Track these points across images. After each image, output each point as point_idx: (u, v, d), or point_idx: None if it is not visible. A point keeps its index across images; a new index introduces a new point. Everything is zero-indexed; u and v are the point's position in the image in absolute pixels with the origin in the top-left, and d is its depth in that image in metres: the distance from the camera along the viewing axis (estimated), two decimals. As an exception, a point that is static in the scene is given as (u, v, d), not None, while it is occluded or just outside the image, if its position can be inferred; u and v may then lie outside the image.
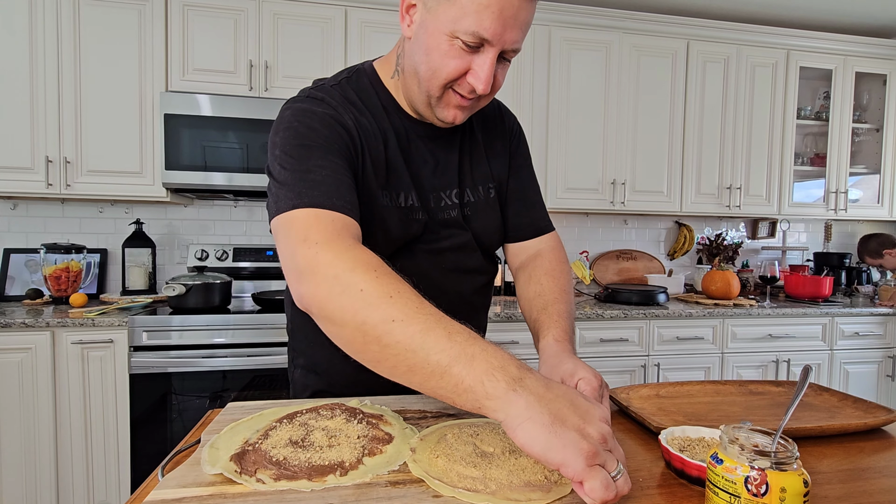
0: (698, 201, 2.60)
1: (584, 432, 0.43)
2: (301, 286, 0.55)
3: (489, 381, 0.44)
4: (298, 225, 0.58)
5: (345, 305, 0.50)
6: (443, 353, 0.46)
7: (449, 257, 0.80)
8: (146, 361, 1.79)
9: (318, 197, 0.60)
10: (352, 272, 0.51)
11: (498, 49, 0.62)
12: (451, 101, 0.68)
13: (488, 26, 0.60)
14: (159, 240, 2.38)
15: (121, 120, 2.04)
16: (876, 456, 0.65)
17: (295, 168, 0.62)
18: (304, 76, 2.17)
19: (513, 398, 0.44)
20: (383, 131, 0.73)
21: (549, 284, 0.78)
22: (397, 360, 0.48)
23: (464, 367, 0.45)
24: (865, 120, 2.90)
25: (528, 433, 0.42)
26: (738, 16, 2.72)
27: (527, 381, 0.45)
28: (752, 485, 0.43)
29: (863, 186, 2.94)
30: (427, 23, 0.63)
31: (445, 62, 0.63)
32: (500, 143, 0.86)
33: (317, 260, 0.54)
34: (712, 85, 2.59)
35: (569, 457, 0.41)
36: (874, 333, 2.47)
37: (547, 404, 0.44)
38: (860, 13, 2.71)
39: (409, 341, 0.47)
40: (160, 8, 2.04)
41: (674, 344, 2.24)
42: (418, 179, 0.76)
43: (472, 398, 0.45)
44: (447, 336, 0.47)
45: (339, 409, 0.64)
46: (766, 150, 2.67)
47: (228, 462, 0.51)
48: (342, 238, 0.56)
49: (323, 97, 0.70)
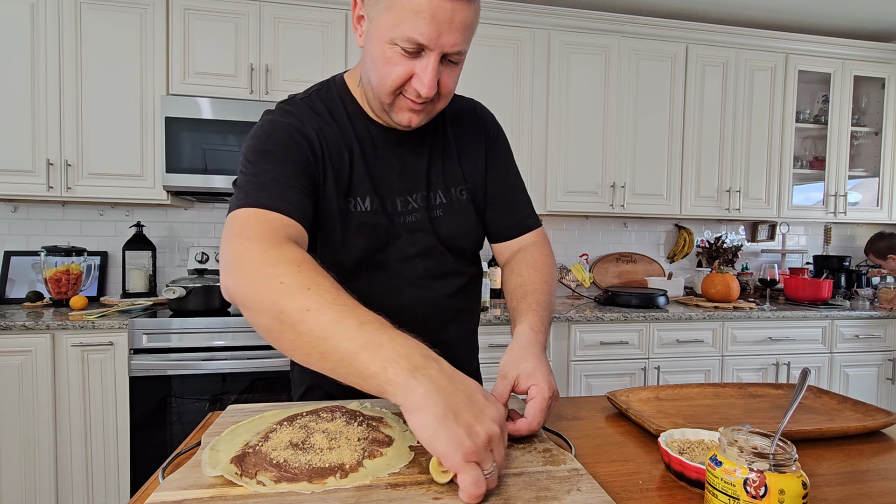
0: (698, 204, 2.61)
1: (472, 430, 0.46)
2: (227, 278, 0.57)
3: (392, 367, 0.47)
4: (237, 222, 0.61)
5: (264, 296, 0.53)
6: (352, 340, 0.48)
7: (418, 263, 0.80)
8: (146, 364, 1.79)
9: (261, 198, 0.63)
10: (275, 266, 0.54)
11: (437, 53, 0.64)
12: (402, 106, 0.70)
13: (423, 31, 0.61)
14: (160, 242, 2.38)
15: (122, 123, 2.05)
16: (875, 458, 0.65)
17: (249, 172, 0.67)
18: (305, 80, 2.17)
19: (412, 385, 0.46)
20: (347, 139, 0.76)
21: (529, 275, 0.80)
22: (311, 347, 0.50)
23: (370, 354, 0.47)
24: (864, 123, 2.91)
25: (420, 420, 0.45)
26: (736, 20, 2.73)
27: (429, 371, 0.47)
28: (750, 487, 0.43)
29: (862, 189, 2.95)
30: (371, 32, 0.66)
31: (389, 69, 0.65)
32: (474, 145, 0.86)
33: (244, 254, 0.56)
34: (711, 88, 2.60)
35: (450, 450, 0.44)
36: (874, 336, 2.47)
37: (445, 396, 0.46)
38: (858, 17, 2.72)
39: (321, 329, 0.49)
40: (161, 12, 2.05)
41: (674, 347, 2.24)
42: (382, 185, 0.78)
43: (376, 383, 0.47)
44: (358, 325, 0.49)
45: (339, 411, 0.64)
46: (765, 154, 2.68)
47: (229, 464, 0.52)
48: (273, 236, 0.59)
49: (289, 109, 0.75)
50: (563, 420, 0.76)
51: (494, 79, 2.35)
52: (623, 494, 0.53)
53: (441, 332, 0.86)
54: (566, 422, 0.75)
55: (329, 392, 0.84)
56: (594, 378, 2.18)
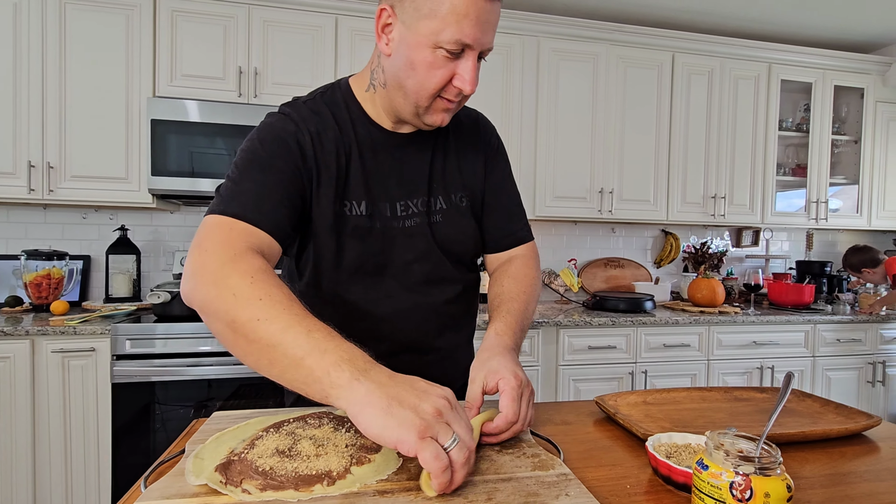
0: (684, 210, 2.64)
1: (418, 409, 0.47)
2: (186, 285, 0.60)
3: (335, 371, 0.48)
4: (203, 230, 0.63)
5: (219, 306, 0.55)
6: (299, 347, 0.50)
7: (416, 268, 0.81)
8: (129, 370, 1.76)
9: (233, 207, 0.64)
10: (228, 278, 0.56)
11: (478, 52, 0.68)
12: (438, 107, 0.72)
13: (469, 32, 0.64)
14: (144, 246, 2.35)
15: (106, 125, 2.02)
16: (857, 461, 0.66)
17: (233, 178, 0.69)
18: (294, 83, 2.17)
19: (355, 386, 0.48)
20: (346, 143, 0.76)
21: (509, 285, 0.82)
22: (260, 354, 0.53)
23: (315, 360, 0.49)
24: (844, 132, 2.98)
25: (367, 417, 0.46)
26: (721, 30, 2.78)
27: (371, 373, 0.49)
28: (736, 490, 0.43)
29: (842, 196, 3.01)
30: (407, 38, 0.66)
31: (433, 73, 0.67)
32: (475, 154, 0.87)
33: (203, 265, 0.59)
34: (697, 96, 2.64)
35: (402, 434, 0.45)
36: (855, 340, 2.52)
37: (386, 390, 0.48)
38: (838, 29, 2.80)
39: (270, 338, 0.52)
40: (148, 14, 2.03)
41: (661, 351, 2.26)
42: (379, 189, 0.78)
43: (320, 388, 0.49)
44: (306, 333, 0.51)
45: (326, 417, 0.64)
46: (749, 161, 2.73)
47: (213, 472, 0.51)
48: (232, 246, 0.60)
49: (289, 113, 0.75)
50: (552, 425, 0.76)
51: (484, 84, 2.36)
52: (611, 499, 0.53)
53: (437, 338, 0.85)
54: (555, 426, 0.75)
55: None
56: (582, 382, 2.19)
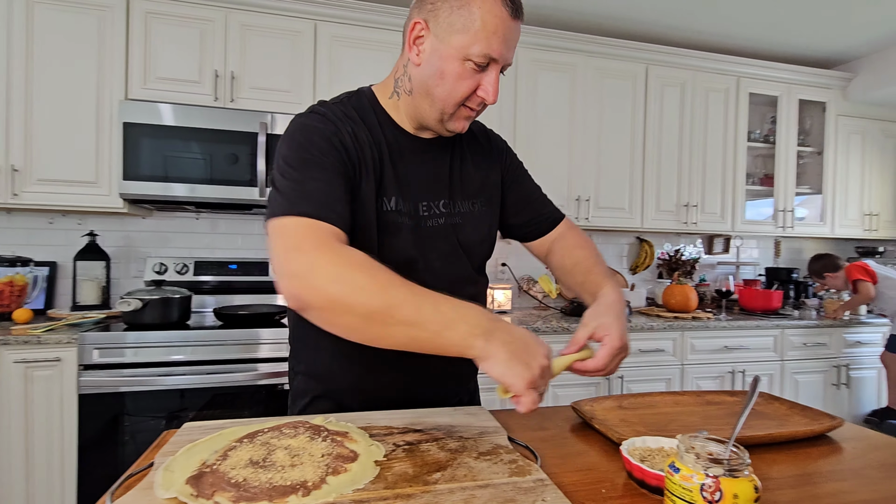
0: (658, 218, 2.70)
1: (529, 366, 0.60)
2: (298, 288, 0.62)
3: (470, 338, 0.60)
4: (290, 233, 0.65)
5: (350, 301, 0.60)
6: (434, 323, 0.60)
7: (438, 267, 0.84)
8: (97, 381, 1.70)
9: (308, 207, 0.67)
10: (348, 274, 0.61)
11: (500, 65, 0.75)
12: (461, 115, 0.79)
13: (496, 48, 0.72)
14: (114, 252, 2.28)
15: (75, 127, 1.96)
16: (822, 461, 0.68)
17: (292, 178, 0.70)
18: (273, 88, 2.15)
19: (486, 346, 0.60)
20: (378, 143, 0.80)
21: (582, 254, 0.91)
22: (400, 335, 0.61)
23: (451, 331, 0.60)
24: (809, 144, 3.11)
25: (493, 366, 0.60)
26: (693, 44, 2.88)
27: (496, 333, 0.61)
28: (707, 492, 0.44)
29: (808, 206, 3.13)
30: (440, 50, 0.73)
31: (461, 83, 0.74)
32: (489, 162, 0.93)
33: (312, 267, 0.61)
34: (670, 107, 2.72)
35: (515, 381, 0.59)
36: (820, 344, 2.61)
37: (507, 346, 0.60)
38: (803, 45, 2.92)
39: (407, 319, 0.59)
40: (121, 15, 1.99)
41: (636, 356, 2.30)
42: (408, 188, 0.82)
43: (458, 350, 0.60)
44: (434, 308, 0.60)
45: (302, 426, 0.63)
46: (719, 171, 2.81)
47: (184, 485, 0.49)
48: (330, 245, 0.64)
49: (325, 112, 0.78)
50: (529, 430, 0.76)
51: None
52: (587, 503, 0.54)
53: None
54: (532, 432, 0.76)
55: (340, 402, 0.84)
56: (560, 388, 2.21)
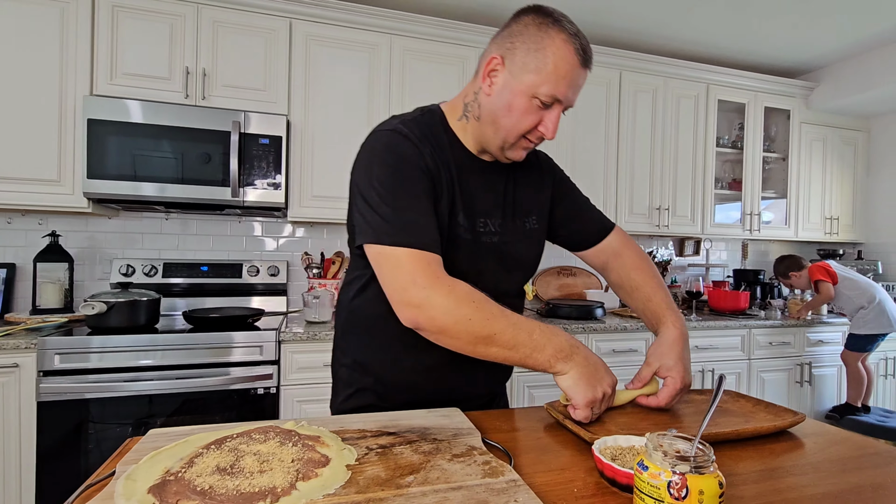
0: (631, 220, 2.76)
1: (595, 389, 0.74)
2: (416, 317, 0.75)
3: (553, 360, 0.75)
4: (405, 266, 0.75)
5: (461, 330, 0.74)
6: (526, 347, 0.74)
7: (489, 280, 0.89)
8: (58, 387, 1.63)
9: (413, 238, 0.76)
10: (459, 308, 0.73)
11: (564, 106, 0.82)
12: (521, 145, 0.86)
13: (563, 91, 0.79)
14: (78, 254, 2.19)
15: (36, 124, 1.88)
16: (784, 456, 0.70)
17: (391, 204, 0.77)
18: (246, 86, 2.11)
19: (564, 367, 0.75)
20: (446, 162, 0.87)
21: (641, 279, 0.99)
22: (498, 355, 0.75)
23: (539, 354, 0.75)
24: (774, 150, 3.22)
25: (565, 381, 0.75)
26: (664, 51, 2.95)
27: (574, 358, 0.76)
28: (674, 489, 0.45)
29: (774, 210, 3.25)
30: (511, 86, 0.81)
31: (526, 117, 0.82)
32: (538, 180, 1.01)
33: (430, 298, 0.73)
34: (643, 113, 2.78)
35: (578, 397, 0.74)
36: (785, 343, 2.70)
37: (581, 369, 0.75)
38: (768, 55, 3.03)
39: (507, 343, 0.74)
40: (86, 8, 1.92)
41: (610, 356, 2.34)
42: (471, 206, 0.89)
43: (543, 369, 0.75)
44: (528, 335, 0.75)
45: (272, 431, 0.62)
46: (690, 175, 2.89)
47: (146, 494, 0.48)
48: (439, 279, 0.75)
49: (408, 134, 0.83)
50: (503, 432, 0.76)
51: (441, 93, 2.38)
52: (559, 503, 0.54)
53: None
54: (506, 433, 0.76)
55: (380, 394, 0.91)
56: (536, 389, 2.23)
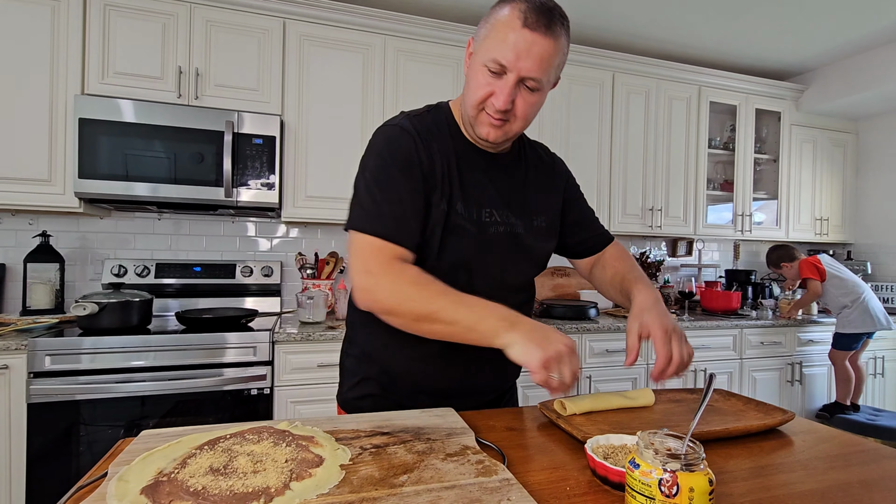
0: (624, 221, 2.78)
1: (545, 349, 0.69)
2: (366, 300, 0.79)
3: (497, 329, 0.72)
4: (364, 254, 0.80)
5: (404, 310, 0.77)
6: (468, 320, 0.74)
7: (495, 272, 0.91)
8: (49, 389, 1.62)
9: (382, 228, 0.79)
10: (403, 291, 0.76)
11: (515, 75, 0.79)
12: (484, 120, 0.85)
13: (505, 55, 0.78)
14: (69, 254, 2.17)
15: (27, 123, 1.86)
16: (774, 454, 0.71)
17: (373, 194, 0.82)
18: (239, 86, 2.10)
19: (509, 336, 0.72)
20: (446, 153, 0.89)
21: (619, 266, 1.01)
22: (442, 331, 0.76)
23: (483, 326, 0.73)
24: (765, 151, 3.25)
25: (515, 351, 0.71)
26: (657, 53, 2.97)
27: (518, 326, 0.72)
28: (664, 486, 0.46)
29: (765, 210, 3.28)
30: (473, 59, 0.84)
31: (478, 88, 0.82)
32: (551, 183, 1.02)
33: (378, 283, 0.78)
34: (635, 114, 2.80)
35: (531, 360, 0.69)
36: (776, 343, 2.73)
37: (528, 334, 0.71)
38: (759, 57, 3.06)
39: (447, 319, 0.74)
40: (77, 7, 1.90)
41: (604, 356, 2.35)
42: (474, 196, 0.90)
43: (488, 341, 0.73)
44: (469, 310, 0.74)
45: (266, 432, 0.62)
46: (682, 176, 2.91)
47: (139, 496, 0.48)
48: (391, 266, 0.78)
49: (407, 127, 0.87)
50: (497, 431, 0.77)
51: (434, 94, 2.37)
52: (552, 501, 0.55)
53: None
54: (499, 433, 0.76)
55: (384, 384, 0.93)
56: (530, 389, 2.23)
